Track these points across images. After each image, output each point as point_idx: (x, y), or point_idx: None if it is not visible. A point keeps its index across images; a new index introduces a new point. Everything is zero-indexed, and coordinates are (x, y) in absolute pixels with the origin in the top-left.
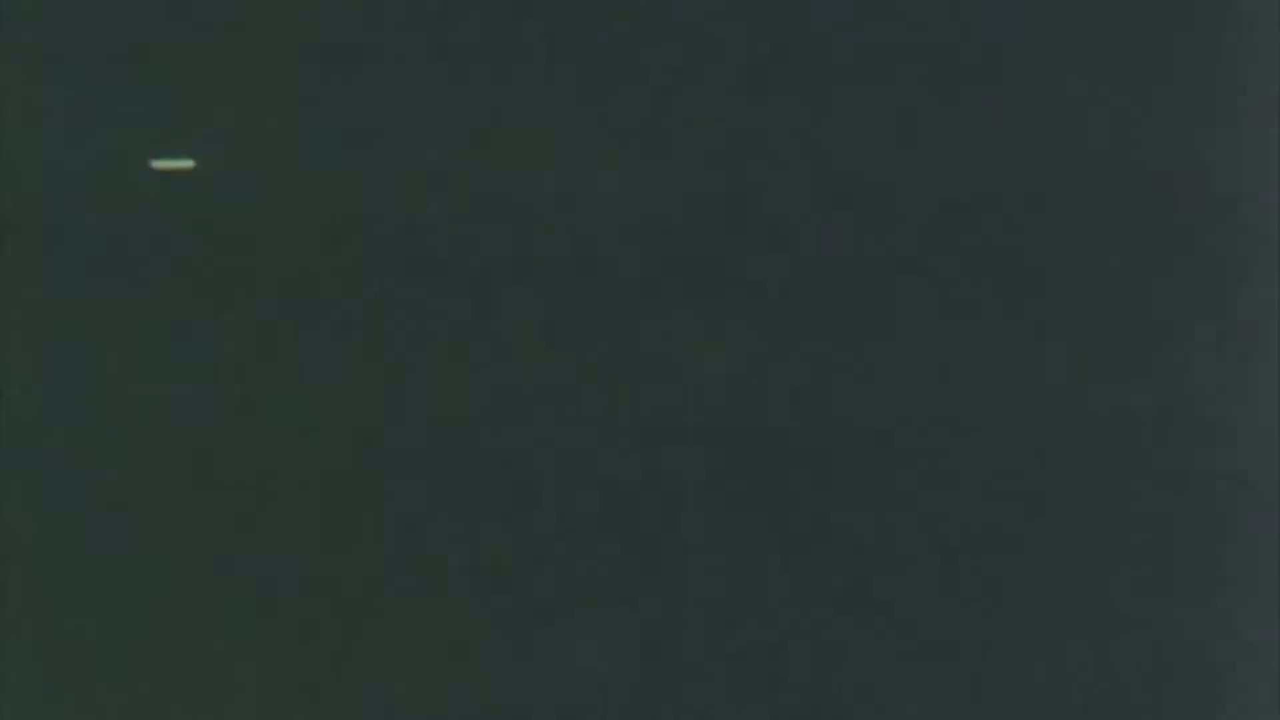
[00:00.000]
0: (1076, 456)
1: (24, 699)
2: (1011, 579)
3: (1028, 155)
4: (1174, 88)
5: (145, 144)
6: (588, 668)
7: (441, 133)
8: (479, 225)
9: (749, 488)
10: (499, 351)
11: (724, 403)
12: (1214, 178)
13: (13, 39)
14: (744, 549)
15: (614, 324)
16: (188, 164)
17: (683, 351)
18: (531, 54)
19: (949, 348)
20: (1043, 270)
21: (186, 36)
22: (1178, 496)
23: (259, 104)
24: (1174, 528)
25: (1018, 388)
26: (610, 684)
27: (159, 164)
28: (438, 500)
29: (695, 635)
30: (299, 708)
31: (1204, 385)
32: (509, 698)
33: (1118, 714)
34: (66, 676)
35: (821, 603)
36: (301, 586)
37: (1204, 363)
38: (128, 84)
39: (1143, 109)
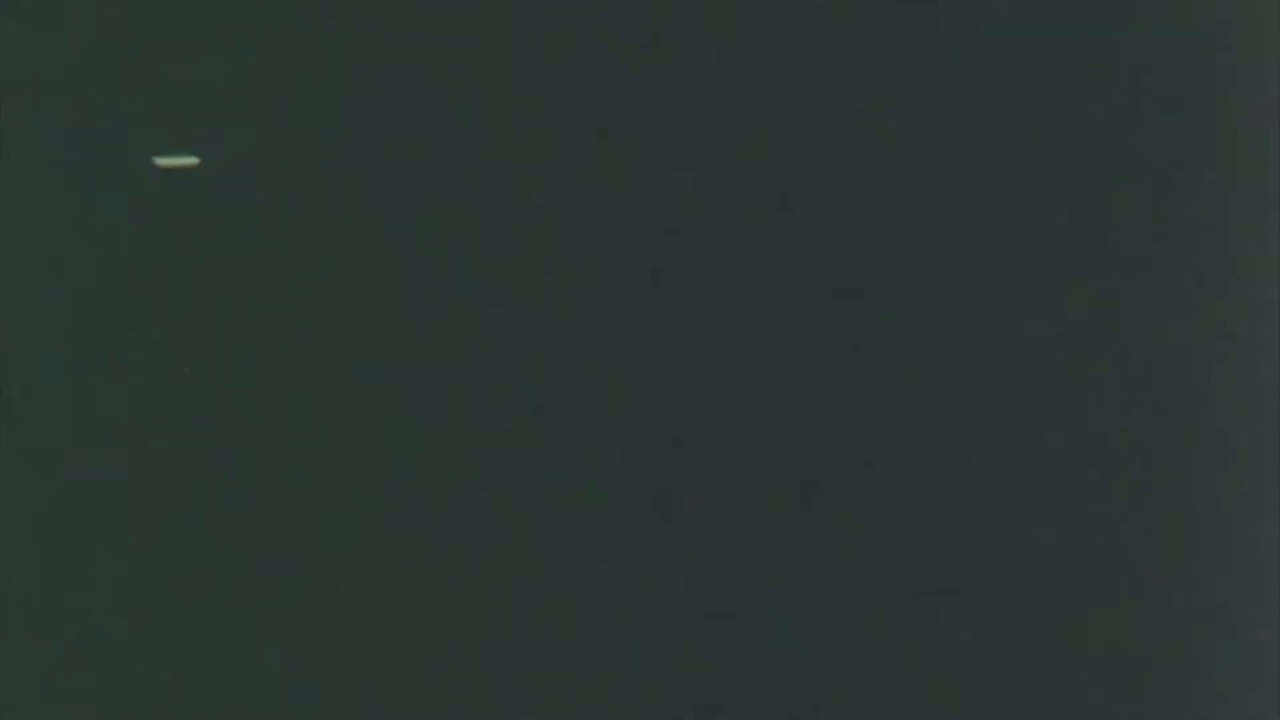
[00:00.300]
0: (1074, 456)
1: (23, 699)
2: (1009, 579)
3: (1020, 155)
4: (1172, 85)
5: (148, 141)
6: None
7: (445, 131)
8: (482, 224)
9: (747, 489)
10: (502, 350)
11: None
12: (1213, 177)
13: (12, 38)
14: (745, 551)
15: (618, 323)
16: (191, 160)
17: (683, 349)
18: (533, 55)
19: (946, 348)
20: (1039, 269)
21: (189, 33)
22: (1177, 496)
23: (262, 101)
24: (1174, 527)
25: (1017, 388)
26: (606, 684)
27: (162, 161)
28: (438, 501)
29: (694, 637)
30: (298, 707)
31: (1203, 384)
32: (507, 698)
33: (1117, 714)
34: (65, 677)
35: (822, 605)
36: (302, 587)
37: (1203, 362)
38: (129, 81)
39: (1140, 108)
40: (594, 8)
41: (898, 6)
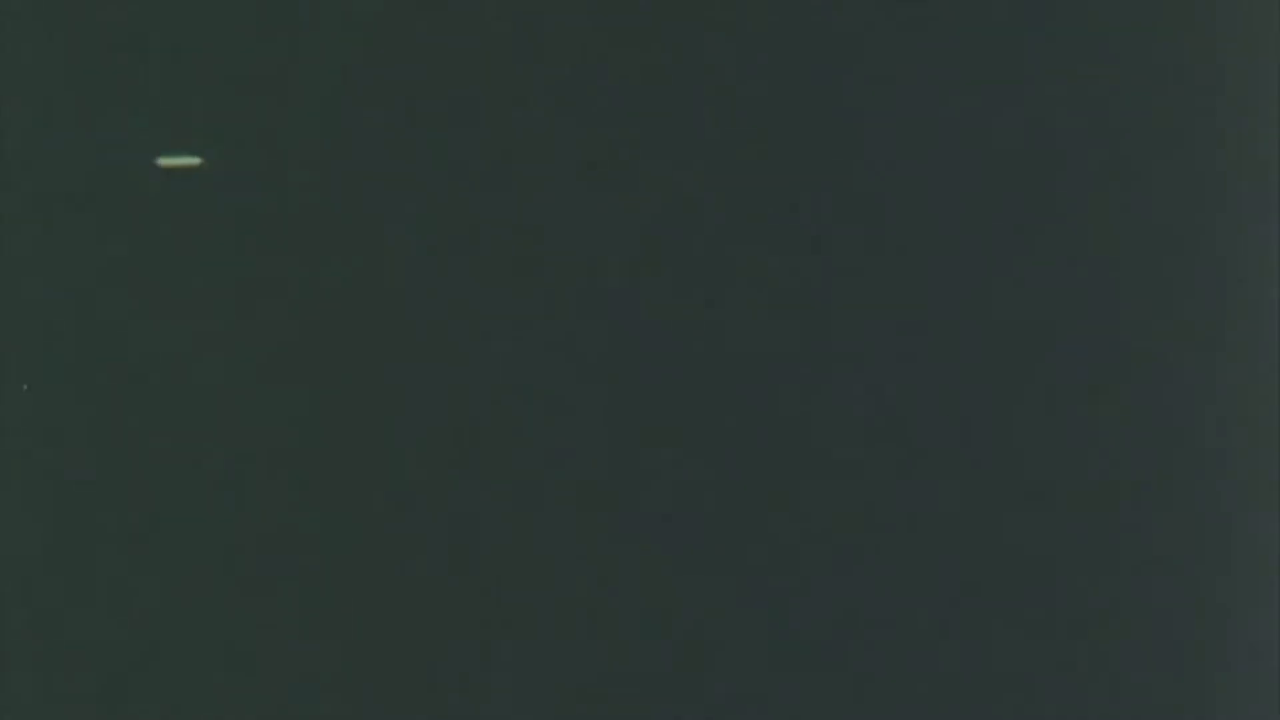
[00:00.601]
0: (1073, 456)
1: (23, 700)
2: (1008, 579)
3: (1019, 154)
4: (1170, 87)
5: (148, 141)
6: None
7: (445, 132)
8: (484, 225)
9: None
10: (502, 350)
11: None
12: (1211, 176)
13: (13, 38)
14: (741, 552)
15: (618, 323)
16: (194, 161)
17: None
18: (533, 55)
19: (946, 348)
20: (1037, 270)
21: (189, 33)
22: (1177, 496)
23: (262, 101)
24: (1174, 527)
25: (1017, 388)
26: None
27: (165, 161)
28: (438, 501)
29: (690, 638)
30: (299, 707)
31: (1203, 384)
32: (507, 698)
33: (1118, 713)
34: (65, 677)
35: (820, 608)
36: (302, 587)
37: (1203, 362)
38: (129, 81)
39: (1139, 109)
40: (594, 7)
41: (898, 6)
